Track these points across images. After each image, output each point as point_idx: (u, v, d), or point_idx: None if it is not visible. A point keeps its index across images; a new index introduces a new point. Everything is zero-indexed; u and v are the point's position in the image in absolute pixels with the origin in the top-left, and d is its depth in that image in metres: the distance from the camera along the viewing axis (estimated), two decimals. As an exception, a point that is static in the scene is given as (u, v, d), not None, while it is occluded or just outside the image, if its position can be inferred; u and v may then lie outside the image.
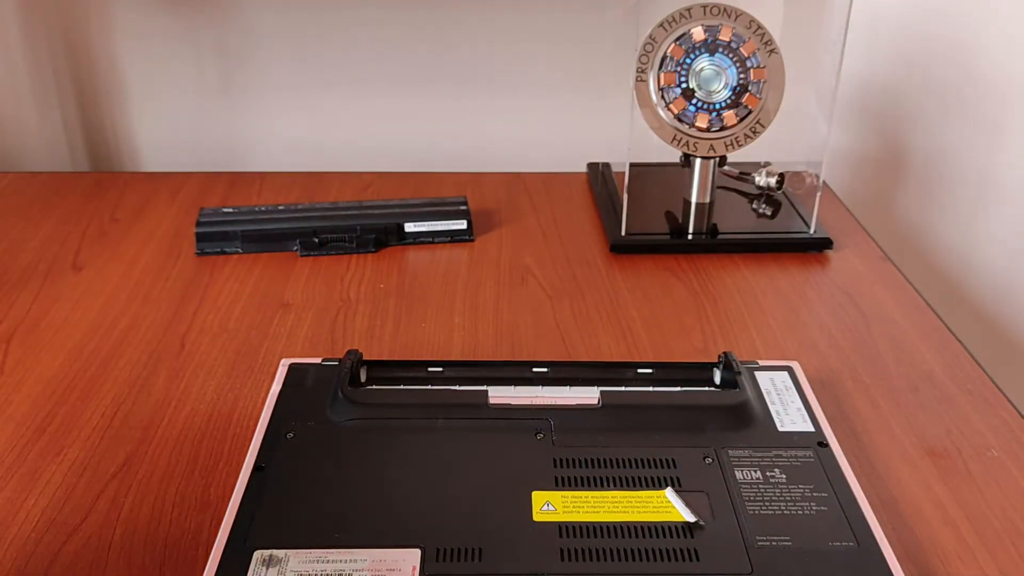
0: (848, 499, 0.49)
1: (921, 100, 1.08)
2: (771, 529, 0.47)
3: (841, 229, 0.89)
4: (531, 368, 0.60)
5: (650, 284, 0.79)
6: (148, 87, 1.06)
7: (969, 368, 0.68)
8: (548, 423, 0.54)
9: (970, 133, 1.08)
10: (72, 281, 0.78)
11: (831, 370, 0.67)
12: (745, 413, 0.56)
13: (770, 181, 0.91)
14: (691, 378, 0.60)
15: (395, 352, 0.69)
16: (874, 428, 0.61)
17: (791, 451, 0.53)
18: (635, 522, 0.48)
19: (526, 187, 0.99)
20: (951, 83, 1.07)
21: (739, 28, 0.82)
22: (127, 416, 0.61)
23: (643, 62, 0.83)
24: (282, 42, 1.04)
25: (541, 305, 0.76)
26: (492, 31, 1.05)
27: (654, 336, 0.71)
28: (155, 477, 0.56)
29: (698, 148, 0.85)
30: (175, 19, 1.01)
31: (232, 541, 0.46)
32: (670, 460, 0.52)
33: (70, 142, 1.09)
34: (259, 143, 1.09)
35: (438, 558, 0.45)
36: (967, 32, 1.04)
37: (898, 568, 0.45)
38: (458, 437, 0.54)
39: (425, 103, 1.08)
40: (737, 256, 0.84)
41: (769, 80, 0.82)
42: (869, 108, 1.09)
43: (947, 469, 0.57)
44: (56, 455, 0.58)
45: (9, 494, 0.54)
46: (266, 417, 0.55)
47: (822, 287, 0.79)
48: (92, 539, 0.51)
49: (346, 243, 0.84)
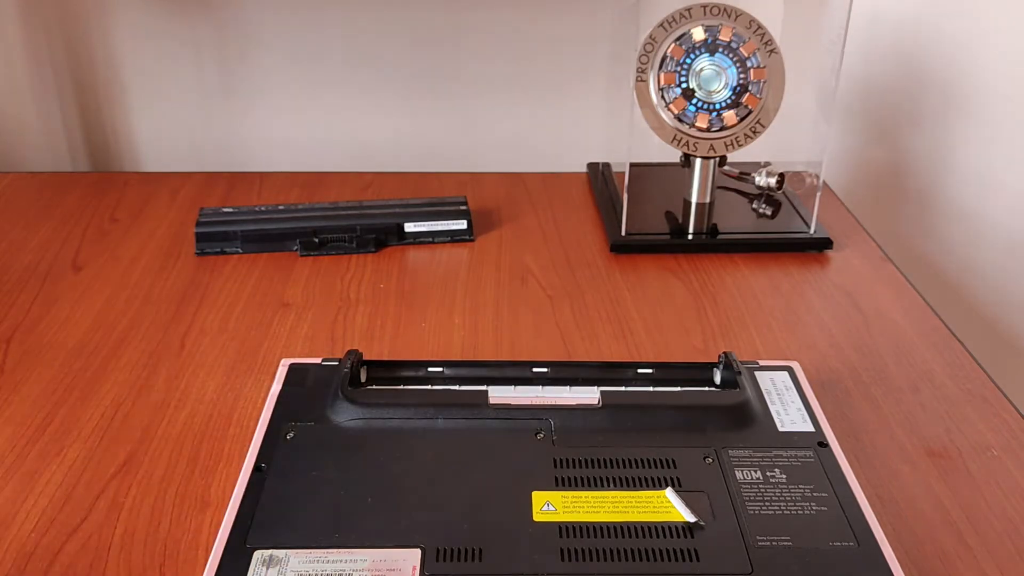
0: (848, 499, 0.49)
1: (921, 100, 1.08)
2: (771, 529, 0.47)
3: (841, 229, 0.89)
4: (531, 368, 0.60)
5: (650, 284, 0.79)
6: (148, 87, 1.06)
7: (969, 368, 0.68)
8: (548, 423, 0.54)
9: (970, 133, 1.08)
10: (72, 281, 0.78)
11: (831, 370, 0.67)
12: (745, 413, 0.56)
13: (770, 181, 0.91)
14: (691, 378, 0.60)
15: (395, 352, 0.69)
16: (874, 428, 0.61)
17: (791, 451, 0.53)
18: (635, 522, 0.48)
19: (526, 187, 0.99)
20: (951, 83, 1.07)
21: (739, 28, 0.82)
22: (127, 416, 0.61)
23: (643, 62, 0.83)
24: (282, 42, 1.04)
25: (541, 305, 0.76)
26: (492, 31, 1.05)
27: (654, 336, 0.71)
28: (155, 477, 0.56)
29: (698, 148, 0.85)
30: (175, 19, 1.01)
31: (232, 541, 0.46)
32: (670, 460, 0.52)
33: (70, 142, 1.09)
34: (259, 143, 1.09)
35: (438, 558, 0.45)
36: (967, 32, 1.04)
37: (898, 568, 0.45)
38: (458, 437, 0.54)
39: (425, 103, 1.08)
40: (737, 256, 0.84)
41: (769, 80, 0.82)
42: (869, 108, 1.09)
43: (947, 469, 0.57)
44: (56, 455, 0.58)
45: (9, 494, 0.54)
46: (266, 417, 0.55)
47: (822, 287, 0.79)
48: (92, 539, 0.51)
49: (346, 243, 0.84)
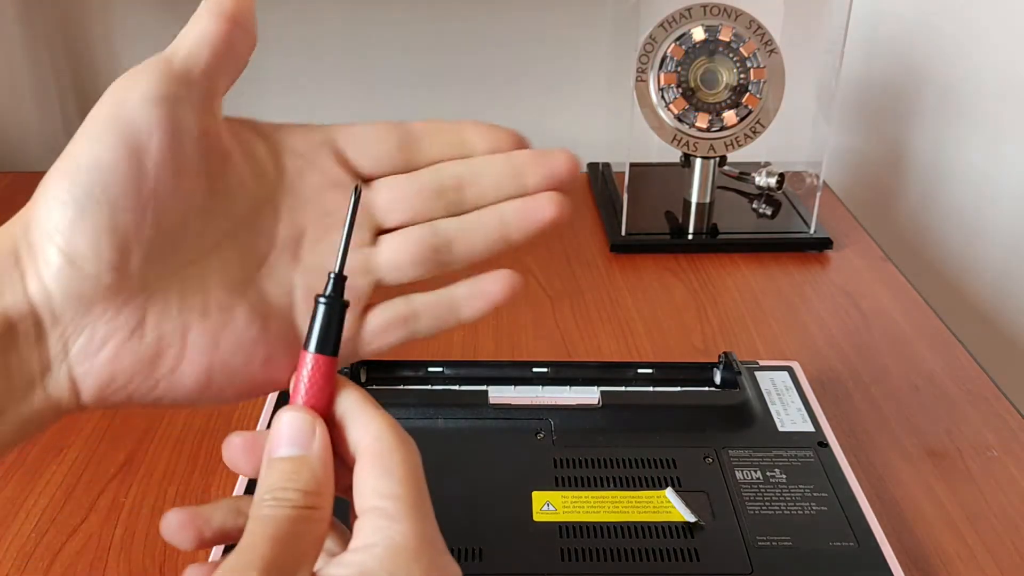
0: (848, 499, 0.49)
1: (921, 100, 1.08)
2: (771, 529, 0.47)
3: (841, 229, 0.89)
4: (531, 368, 0.60)
5: (650, 284, 0.79)
6: (148, 87, 1.06)
7: (969, 368, 0.68)
8: (548, 423, 0.54)
9: (970, 133, 1.08)
10: (72, 281, 0.78)
11: (831, 370, 0.67)
12: (745, 413, 0.55)
13: (770, 181, 0.91)
14: (691, 378, 0.60)
15: (395, 352, 0.69)
16: (874, 428, 0.61)
17: (791, 451, 0.53)
18: (635, 522, 0.48)
19: (526, 187, 0.99)
20: (951, 83, 1.07)
21: (739, 28, 0.82)
22: (127, 416, 0.61)
23: (643, 62, 0.83)
24: (281, 43, 1.04)
25: (541, 305, 0.76)
26: (492, 31, 1.05)
27: (654, 336, 0.71)
28: (155, 477, 0.56)
29: (698, 148, 0.85)
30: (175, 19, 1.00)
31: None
32: (670, 460, 0.52)
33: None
34: (259, 143, 1.08)
35: (438, 558, 0.45)
36: (967, 32, 1.04)
37: (898, 568, 0.45)
38: (458, 437, 0.54)
39: (425, 103, 1.07)
40: (737, 256, 0.84)
41: (769, 80, 0.82)
42: (869, 108, 1.09)
43: (947, 469, 0.57)
44: (56, 455, 0.57)
45: (9, 494, 0.54)
46: (266, 417, 0.55)
47: (822, 287, 0.79)
48: (92, 539, 0.51)
49: (346, 243, 0.83)
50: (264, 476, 0.30)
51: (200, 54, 0.32)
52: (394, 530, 0.29)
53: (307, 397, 0.31)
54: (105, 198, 0.30)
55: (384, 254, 0.35)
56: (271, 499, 0.29)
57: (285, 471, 0.30)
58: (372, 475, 0.30)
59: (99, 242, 0.30)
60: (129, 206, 0.30)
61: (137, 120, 0.30)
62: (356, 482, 0.30)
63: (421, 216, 0.35)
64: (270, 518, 0.29)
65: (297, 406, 0.31)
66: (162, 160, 0.30)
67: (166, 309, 0.31)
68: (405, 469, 0.30)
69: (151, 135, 0.30)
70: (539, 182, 0.35)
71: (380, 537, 0.29)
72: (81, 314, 0.30)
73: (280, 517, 0.29)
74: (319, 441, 0.31)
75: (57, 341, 0.30)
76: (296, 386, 0.32)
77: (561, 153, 0.35)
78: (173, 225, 0.31)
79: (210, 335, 0.32)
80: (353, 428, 0.32)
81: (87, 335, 0.30)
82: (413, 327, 0.36)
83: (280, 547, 0.28)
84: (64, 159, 0.30)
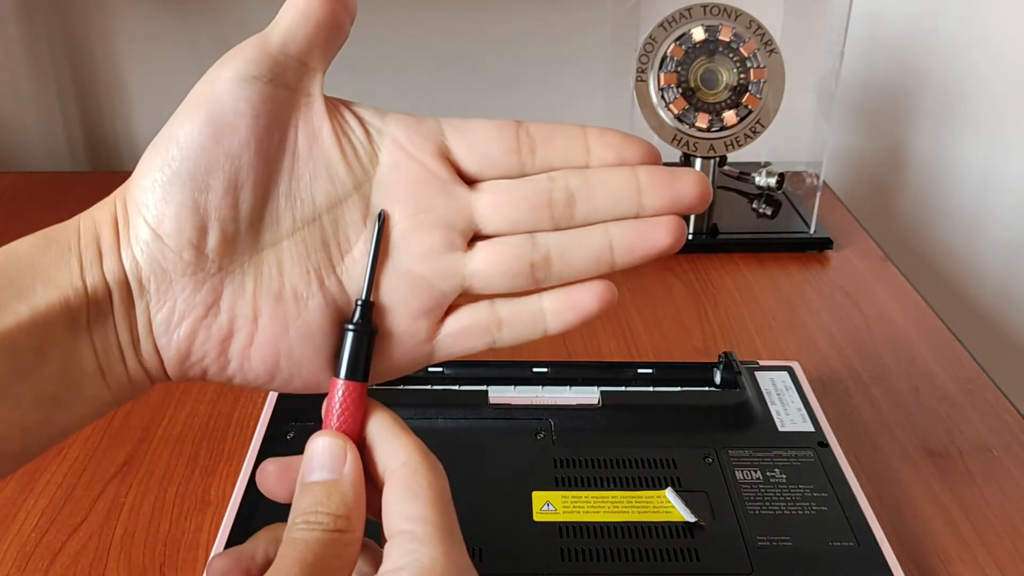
0: (848, 499, 0.49)
1: (921, 100, 1.08)
2: (771, 529, 0.47)
3: (841, 229, 0.89)
4: (531, 368, 0.60)
5: (650, 284, 0.79)
6: (148, 87, 1.06)
7: (969, 368, 0.68)
8: (548, 423, 0.54)
9: (970, 133, 1.08)
10: (72, 281, 0.78)
11: (831, 370, 0.67)
12: (745, 413, 0.55)
13: (770, 181, 0.91)
14: (691, 378, 0.60)
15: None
16: (874, 428, 0.61)
17: (791, 451, 0.53)
18: (635, 522, 0.48)
19: (526, 187, 0.99)
20: (951, 83, 1.07)
21: (739, 28, 0.82)
22: (127, 416, 0.61)
23: (643, 62, 0.83)
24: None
25: (541, 305, 0.75)
26: (492, 31, 1.05)
27: (654, 336, 0.71)
28: (155, 477, 0.56)
29: (698, 148, 0.85)
30: (175, 19, 1.00)
31: (232, 541, 0.46)
32: (670, 460, 0.52)
33: (70, 142, 1.09)
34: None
35: (438, 558, 0.45)
36: (967, 32, 1.04)
37: (898, 568, 0.45)
38: (458, 437, 0.54)
39: (425, 103, 1.07)
40: (737, 256, 0.84)
41: (769, 80, 0.82)
42: (869, 108, 1.09)
43: (947, 469, 0.57)
44: (56, 455, 0.57)
45: (9, 494, 0.54)
46: (266, 417, 0.55)
47: (822, 287, 0.79)
48: (92, 539, 0.51)
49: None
50: (297, 500, 0.31)
51: (297, 29, 0.31)
52: (422, 553, 0.29)
53: (339, 422, 0.32)
54: (189, 176, 0.30)
55: (475, 262, 0.33)
56: (302, 522, 0.30)
57: (317, 495, 0.30)
58: (400, 498, 0.30)
59: (181, 219, 0.30)
60: (212, 186, 0.30)
61: (225, 101, 0.30)
62: (385, 505, 0.31)
63: (522, 227, 0.33)
64: (301, 541, 0.29)
65: (329, 431, 0.32)
66: (248, 141, 0.30)
67: (241, 291, 0.32)
68: (433, 493, 0.30)
69: (238, 116, 0.30)
70: (660, 204, 0.32)
71: (408, 560, 0.29)
72: (164, 289, 0.31)
73: (311, 540, 0.29)
74: (350, 465, 0.31)
75: (143, 313, 0.31)
76: (328, 411, 0.32)
77: (691, 175, 0.32)
78: (254, 207, 0.31)
79: (280, 321, 0.32)
80: (382, 452, 0.32)
81: (167, 310, 0.31)
82: (495, 336, 0.34)
83: (311, 569, 0.28)
84: (162, 134, 0.31)
